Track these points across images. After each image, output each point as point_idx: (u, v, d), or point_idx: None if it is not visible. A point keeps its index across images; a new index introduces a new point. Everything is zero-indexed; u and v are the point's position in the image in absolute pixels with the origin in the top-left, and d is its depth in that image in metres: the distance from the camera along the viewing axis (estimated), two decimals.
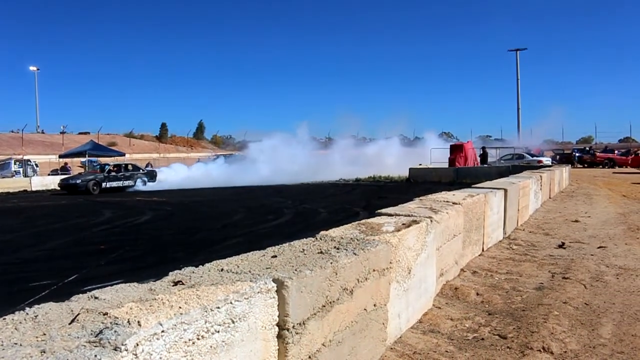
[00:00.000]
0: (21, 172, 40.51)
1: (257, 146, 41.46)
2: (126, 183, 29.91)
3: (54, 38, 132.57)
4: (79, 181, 28.34)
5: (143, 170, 32.39)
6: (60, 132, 70.22)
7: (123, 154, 43.95)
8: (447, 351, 3.57)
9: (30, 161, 43.70)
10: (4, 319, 1.75)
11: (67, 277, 6.95)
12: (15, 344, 1.55)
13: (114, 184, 29.24)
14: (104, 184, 28.57)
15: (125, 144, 66.15)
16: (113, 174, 29.68)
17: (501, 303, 4.66)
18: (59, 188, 29.37)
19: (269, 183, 30.88)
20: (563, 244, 7.30)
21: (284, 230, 11.26)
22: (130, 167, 31.75)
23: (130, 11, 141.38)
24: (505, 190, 7.75)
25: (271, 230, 11.56)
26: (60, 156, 44.48)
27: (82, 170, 38.01)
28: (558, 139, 53.19)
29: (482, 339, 3.80)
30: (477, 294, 4.88)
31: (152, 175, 32.05)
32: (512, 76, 56.52)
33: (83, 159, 40.70)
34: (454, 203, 5.56)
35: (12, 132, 66.52)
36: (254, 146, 42.44)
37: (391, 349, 3.54)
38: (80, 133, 71.08)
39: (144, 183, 30.74)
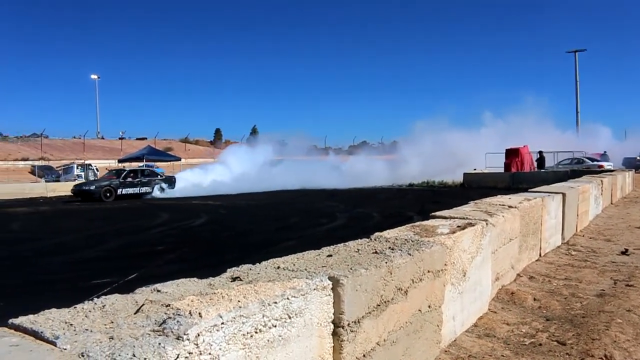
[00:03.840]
0: (83, 176, 42.03)
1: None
2: (143, 189, 28.27)
3: (114, 47, 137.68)
4: (92, 187, 26.98)
5: (161, 176, 30.56)
6: (119, 138, 72.52)
7: (179, 159, 44.98)
8: (503, 356, 3.51)
9: (92, 165, 45.37)
10: (75, 307, 1.84)
11: (127, 276, 7.20)
12: (86, 330, 1.63)
13: (130, 190, 27.59)
14: (119, 191, 27.01)
15: (181, 149, 67.73)
16: (129, 179, 28.06)
17: (560, 309, 4.54)
18: (72, 194, 27.60)
19: (322, 187, 31.00)
20: (626, 250, 7.04)
21: (338, 234, 11.28)
22: (147, 172, 30.25)
23: (186, 20, 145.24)
24: (564, 195, 7.55)
25: (325, 234, 11.61)
26: (119, 161, 45.95)
27: None
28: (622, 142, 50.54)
29: (540, 344, 3.72)
30: (535, 299, 4.77)
31: (170, 182, 30.25)
32: (566, 78, 54.54)
33: (140, 164, 41.87)
34: (510, 206, 5.46)
35: (75, 138, 69.28)
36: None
37: (445, 351, 3.51)
38: (137, 139, 73.24)
39: (162, 190, 28.96)
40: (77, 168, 44.44)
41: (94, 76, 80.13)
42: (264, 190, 29.21)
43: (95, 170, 44.21)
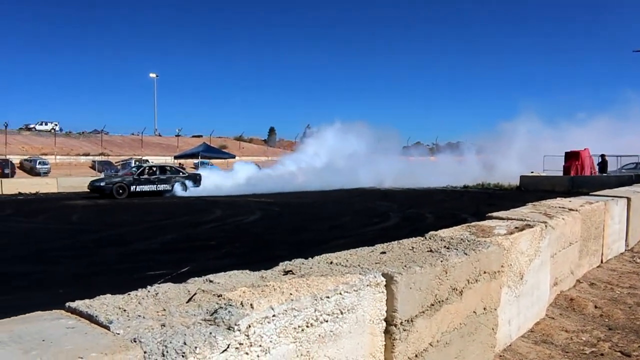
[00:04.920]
0: None
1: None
2: (161, 187, 26.90)
3: (172, 47, 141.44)
4: (102, 184, 25.98)
5: (184, 174, 29.26)
6: (176, 135, 74.17)
7: (234, 156, 45.57)
8: None
9: (149, 161, 46.57)
10: (129, 294, 1.86)
11: (180, 269, 7.30)
12: (139, 316, 1.64)
13: (146, 187, 26.41)
14: (133, 188, 25.89)
15: (235, 147, 68.63)
16: (145, 176, 26.91)
17: (623, 318, 4.32)
18: (88, 190, 26.44)
19: (373, 186, 30.76)
20: None
21: (391, 233, 11.16)
22: (168, 169, 29.07)
23: (242, 20, 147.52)
24: (629, 199, 7.22)
25: (377, 233, 11.48)
26: (175, 157, 47.07)
27: (194, 170, 38.81)
28: None
29: (602, 354, 3.54)
30: (596, 307, 4.57)
31: (195, 179, 28.79)
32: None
33: (196, 160, 42.66)
34: (570, 209, 5.25)
35: (133, 134, 71.34)
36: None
37: (500, 356, 3.39)
38: (193, 136, 74.64)
39: (185, 188, 27.47)
40: (135, 163, 45.75)
41: (152, 75, 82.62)
42: (318, 189, 28.97)
43: None
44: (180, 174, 28.93)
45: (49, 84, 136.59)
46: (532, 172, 30.81)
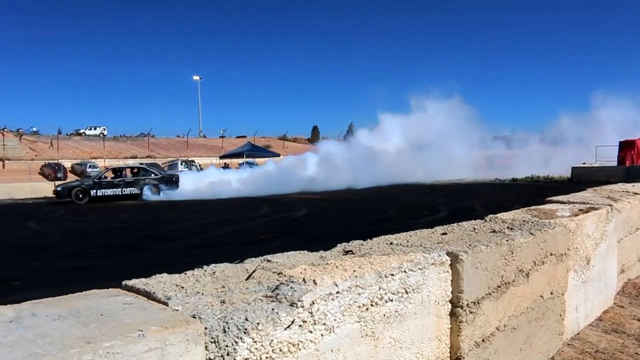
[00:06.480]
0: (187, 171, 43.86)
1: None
2: (127, 191, 24.35)
3: (215, 49, 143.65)
4: (60, 188, 24.11)
5: (156, 175, 26.10)
6: (220, 136, 75.02)
7: (278, 155, 45.81)
8: (637, 353, 3.16)
9: (195, 162, 47.31)
10: (186, 273, 1.80)
11: (231, 261, 7.33)
12: (198, 292, 1.57)
13: (109, 191, 24.02)
14: (93, 192, 23.66)
15: (279, 146, 68.99)
16: (107, 180, 24.53)
17: None
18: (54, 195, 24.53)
19: (416, 182, 30.25)
20: None
21: (442, 225, 10.92)
22: (136, 170, 26.16)
23: (283, 23, 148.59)
24: None
25: (428, 225, 11.22)
26: (221, 157, 47.64)
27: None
28: None
29: None
30: None
31: (170, 181, 25.77)
32: None
33: (241, 160, 43.06)
34: (635, 193, 4.99)
35: (178, 136, 72.58)
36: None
37: (568, 344, 3.22)
38: (238, 137, 75.41)
39: (157, 191, 24.70)
40: (181, 164, 46.49)
41: (196, 77, 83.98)
42: (366, 186, 28.12)
43: (198, 167, 46.02)
44: (152, 175, 25.99)
45: (97, 90, 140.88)
46: (584, 163, 29.78)
